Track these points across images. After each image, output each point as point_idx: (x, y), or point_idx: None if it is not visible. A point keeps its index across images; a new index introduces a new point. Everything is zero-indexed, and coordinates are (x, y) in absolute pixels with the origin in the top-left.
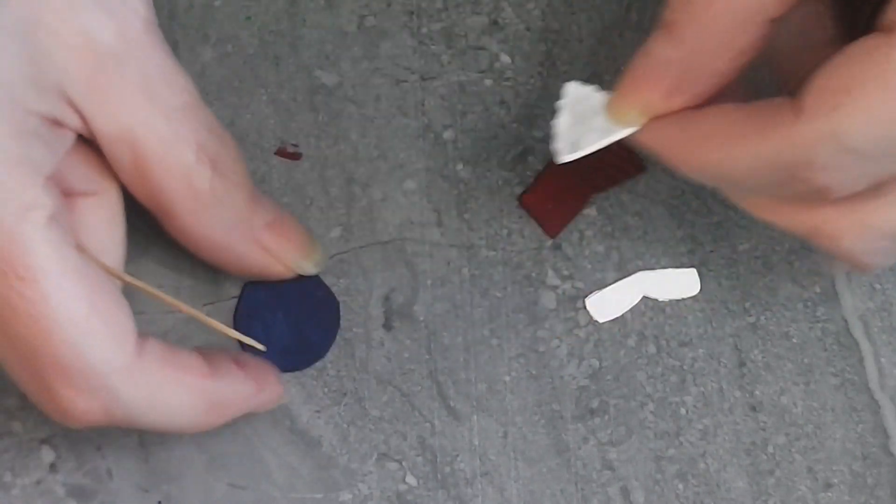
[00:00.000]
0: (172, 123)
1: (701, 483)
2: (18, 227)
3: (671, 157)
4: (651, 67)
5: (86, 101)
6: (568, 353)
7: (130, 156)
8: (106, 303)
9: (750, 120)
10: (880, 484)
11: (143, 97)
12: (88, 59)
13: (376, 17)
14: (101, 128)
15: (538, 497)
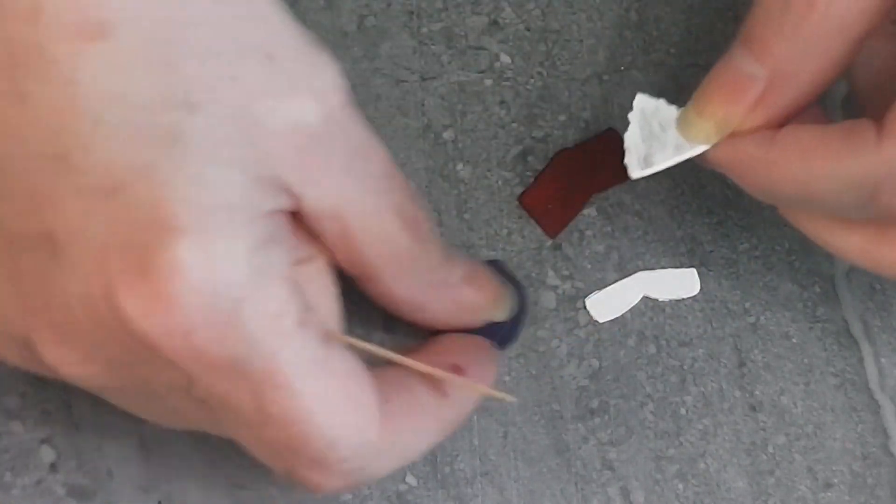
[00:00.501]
0: (374, 195)
1: (701, 483)
2: (270, 340)
3: (748, 176)
4: (732, 82)
5: (297, 184)
6: (568, 353)
7: (337, 229)
8: (353, 386)
9: (834, 141)
10: (880, 484)
11: (349, 173)
12: (297, 142)
13: (376, 17)
14: (311, 207)
15: (538, 497)
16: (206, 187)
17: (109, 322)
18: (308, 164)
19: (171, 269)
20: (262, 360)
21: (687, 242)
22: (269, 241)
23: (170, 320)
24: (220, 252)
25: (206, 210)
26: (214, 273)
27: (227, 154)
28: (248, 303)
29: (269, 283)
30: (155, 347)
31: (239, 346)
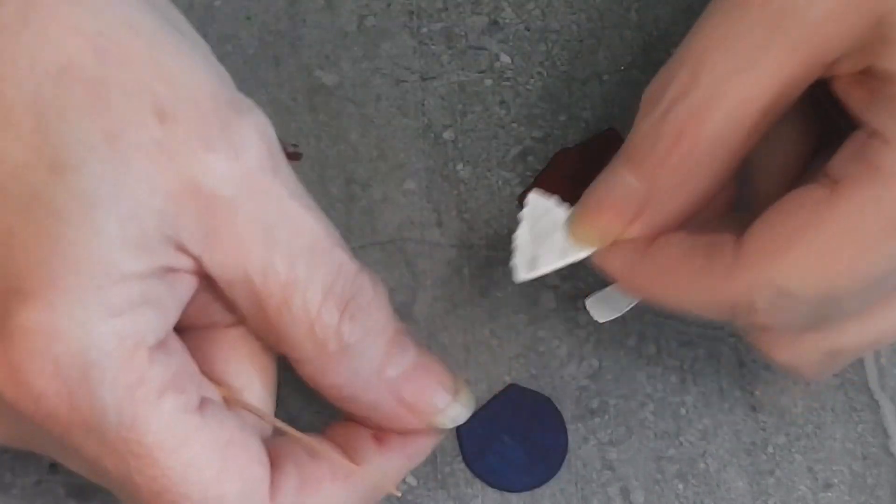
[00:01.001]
0: (295, 268)
1: (701, 483)
2: (126, 407)
3: (625, 285)
4: (612, 194)
5: (197, 248)
6: (568, 353)
7: (250, 302)
8: (233, 458)
9: (694, 257)
10: (880, 484)
11: (260, 242)
12: (193, 205)
13: (376, 17)
14: (216, 272)
15: (538, 497)
16: (60, 252)
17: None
18: (212, 226)
19: (17, 335)
20: (118, 428)
21: None
22: (137, 305)
23: (19, 384)
24: (66, 317)
25: (57, 275)
26: (58, 338)
27: (95, 217)
28: (99, 369)
29: (125, 349)
30: (15, 410)
31: (90, 413)
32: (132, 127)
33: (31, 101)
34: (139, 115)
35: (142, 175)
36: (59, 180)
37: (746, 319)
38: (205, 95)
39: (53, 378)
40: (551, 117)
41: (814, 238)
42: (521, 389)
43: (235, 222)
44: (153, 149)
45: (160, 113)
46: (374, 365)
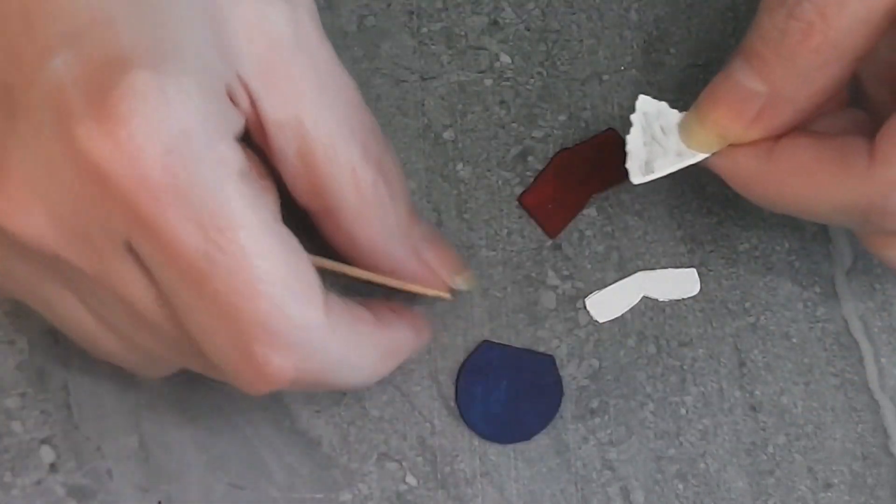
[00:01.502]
0: (339, 119)
1: (701, 483)
2: (216, 179)
3: (745, 189)
4: (733, 96)
5: (257, 84)
6: (568, 353)
7: (296, 145)
8: (298, 260)
9: (825, 161)
10: (880, 484)
11: (314, 88)
12: (262, 41)
13: (376, 17)
14: (270, 113)
15: (538, 497)
16: (162, 34)
17: (59, 157)
18: (271, 66)
19: (123, 97)
20: (207, 198)
21: (687, 242)
22: (222, 99)
23: (118, 143)
24: (171, 85)
25: (163, 50)
26: (163, 103)
27: (190, 15)
28: (196, 136)
29: (217, 129)
30: (103, 174)
31: (183, 176)
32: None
33: None
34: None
35: (227, 4)
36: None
37: (880, 222)
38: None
39: (154, 138)
40: (551, 117)
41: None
42: (553, 367)
43: (292, 66)
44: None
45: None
46: (401, 223)
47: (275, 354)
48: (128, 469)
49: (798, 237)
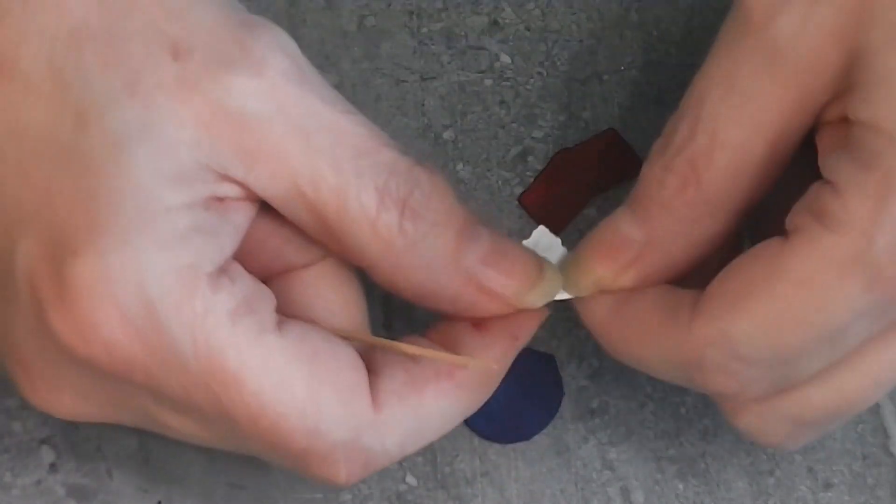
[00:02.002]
0: (344, 173)
1: (701, 483)
2: (199, 337)
3: (597, 337)
4: (610, 241)
5: (238, 170)
6: (568, 352)
7: (307, 212)
8: (328, 369)
9: (658, 313)
10: (880, 484)
11: (301, 151)
12: (225, 128)
13: (376, 17)
14: (265, 191)
15: (538, 497)
16: (101, 197)
17: (53, 348)
18: (249, 147)
19: (78, 289)
20: (196, 358)
21: None
22: (189, 235)
23: (88, 337)
24: (118, 260)
25: (102, 220)
26: (115, 284)
27: (128, 160)
28: (164, 304)
29: (186, 280)
30: (90, 365)
31: (165, 348)
32: (148, 70)
33: (47, 66)
34: (153, 58)
35: (166, 111)
36: (85, 132)
37: (701, 382)
38: (215, 22)
39: (120, 323)
40: (551, 117)
41: (764, 292)
42: (554, 366)
43: (272, 136)
44: (173, 84)
45: (174, 50)
46: (447, 256)
47: (337, 469)
48: (128, 469)
49: None
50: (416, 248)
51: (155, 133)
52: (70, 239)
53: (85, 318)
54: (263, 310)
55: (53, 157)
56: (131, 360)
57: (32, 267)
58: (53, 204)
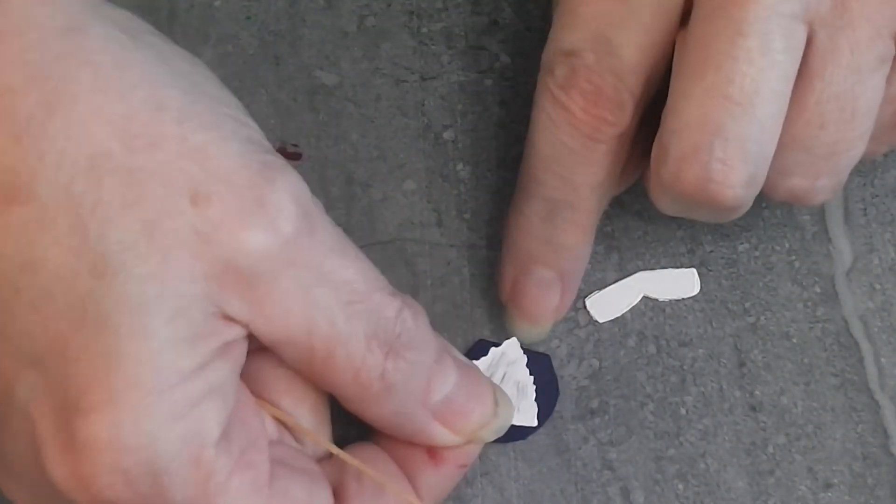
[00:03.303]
0: (336, 323)
1: (701, 483)
2: (201, 501)
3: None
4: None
5: (243, 316)
6: (568, 353)
7: (294, 356)
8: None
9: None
10: (880, 484)
11: (303, 304)
12: (233, 282)
13: (376, 17)
14: (263, 335)
15: (538, 497)
16: (116, 364)
17: (48, 488)
18: (253, 298)
19: (84, 450)
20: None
21: (687, 242)
22: (201, 401)
23: (92, 496)
24: (131, 430)
25: (117, 388)
26: (125, 451)
27: (143, 322)
28: (168, 475)
29: (191, 452)
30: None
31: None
32: (168, 215)
33: (65, 199)
34: (173, 201)
35: (182, 266)
36: (103, 285)
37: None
38: (236, 168)
39: (125, 489)
40: None
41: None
42: (549, 366)
43: (275, 291)
44: (190, 236)
45: (194, 195)
46: (417, 395)
47: None
48: None
49: (798, 237)
50: (392, 391)
51: (171, 291)
52: (82, 395)
53: (89, 475)
54: (259, 461)
55: (68, 304)
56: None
57: (35, 407)
58: (66, 354)
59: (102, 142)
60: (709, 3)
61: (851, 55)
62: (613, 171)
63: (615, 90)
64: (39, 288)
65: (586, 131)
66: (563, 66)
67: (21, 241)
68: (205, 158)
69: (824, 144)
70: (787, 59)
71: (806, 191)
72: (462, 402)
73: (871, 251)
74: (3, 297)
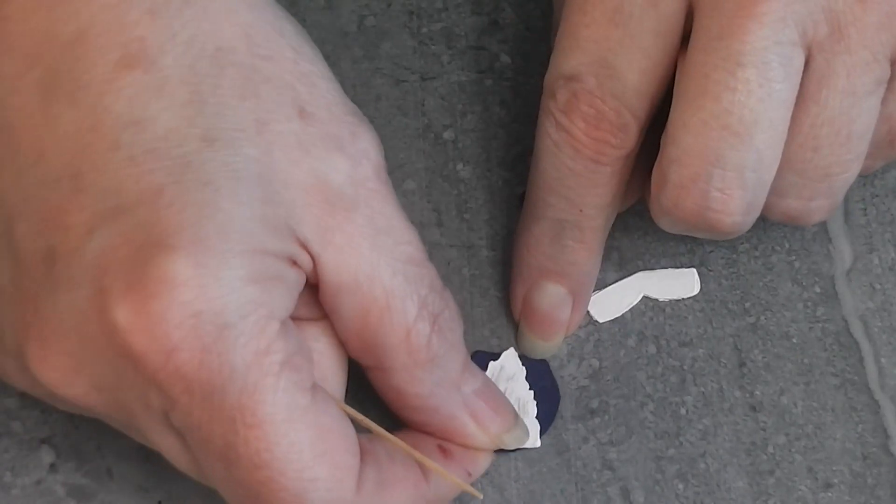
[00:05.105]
0: (397, 277)
1: (701, 483)
2: (251, 373)
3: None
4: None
5: (316, 245)
6: (568, 353)
7: (352, 306)
8: (331, 444)
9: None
10: (880, 484)
11: (371, 246)
12: (318, 200)
13: (376, 17)
14: (328, 274)
15: (538, 497)
16: (209, 215)
17: (98, 335)
18: (330, 224)
19: (161, 285)
20: (239, 393)
21: (687, 242)
22: (271, 280)
23: (154, 335)
24: (212, 274)
25: (206, 234)
26: (203, 293)
27: (240, 191)
28: (234, 331)
29: (259, 317)
30: (138, 362)
31: (217, 373)
32: (277, 118)
33: (187, 75)
34: (284, 108)
35: (281, 165)
36: (211, 151)
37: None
38: (337, 102)
39: (191, 332)
40: None
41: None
42: (548, 371)
43: (350, 223)
44: (293, 141)
45: (301, 110)
46: (453, 379)
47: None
48: (128, 469)
49: (798, 237)
50: (434, 363)
51: (269, 178)
52: (169, 237)
53: (157, 315)
54: (305, 370)
55: (172, 160)
56: (183, 371)
57: (107, 258)
58: (159, 202)
59: (230, 39)
60: (708, 31)
61: (847, 79)
62: (619, 191)
63: (617, 113)
64: (143, 144)
65: (589, 154)
66: (564, 91)
67: (133, 102)
68: (312, 84)
69: (819, 167)
70: (785, 88)
71: (801, 212)
72: (491, 399)
73: (871, 251)
74: (97, 150)
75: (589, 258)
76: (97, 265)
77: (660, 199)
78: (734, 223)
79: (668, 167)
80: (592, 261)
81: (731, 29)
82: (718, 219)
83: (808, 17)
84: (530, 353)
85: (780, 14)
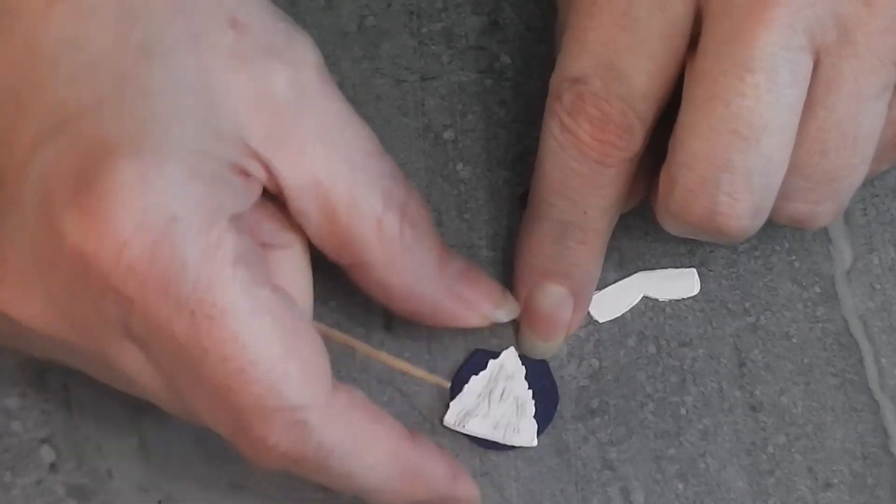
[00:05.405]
0: (357, 171)
1: (701, 483)
2: (204, 266)
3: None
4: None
5: (268, 152)
6: (568, 353)
7: (318, 206)
8: (300, 343)
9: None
10: (880, 484)
11: (325, 146)
12: (264, 108)
13: (376, 17)
14: (287, 179)
15: (538, 497)
16: (149, 120)
17: (49, 248)
18: (279, 133)
19: (106, 187)
20: (194, 284)
21: (687, 243)
22: (216, 180)
23: (103, 234)
24: (155, 173)
25: (148, 139)
26: (147, 190)
27: (180, 99)
28: (182, 223)
29: (207, 211)
30: (90, 265)
31: (170, 266)
32: (210, 30)
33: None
34: (216, 21)
35: (221, 75)
36: (148, 62)
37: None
38: (267, 11)
39: (139, 228)
40: None
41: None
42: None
43: (300, 127)
44: (228, 53)
45: (233, 21)
46: (433, 265)
47: (270, 434)
48: (128, 469)
49: (798, 237)
50: (411, 252)
51: (208, 89)
52: (112, 143)
53: (104, 215)
54: (260, 267)
55: (111, 74)
56: (135, 267)
57: (53, 170)
58: (100, 114)
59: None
60: (717, 36)
61: (855, 83)
62: (623, 193)
63: (623, 116)
64: (82, 62)
65: (595, 156)
66: (570, 93)
67: (67, 25)
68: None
69: (826, 171)
70: (794, 93)
71: (807, 215)
72: (474, 279)
73: (871, 251)
74: (37, 73)
75: (591, 259)
76: (43, 179)
77: (668, 203)
78: (742, 227)
79: (677, 171)
80: (595, 262)
81: (740, 34)
82: (726, 223)
83: (817, 23)
84: (531, 353)
85: (789, 19)
